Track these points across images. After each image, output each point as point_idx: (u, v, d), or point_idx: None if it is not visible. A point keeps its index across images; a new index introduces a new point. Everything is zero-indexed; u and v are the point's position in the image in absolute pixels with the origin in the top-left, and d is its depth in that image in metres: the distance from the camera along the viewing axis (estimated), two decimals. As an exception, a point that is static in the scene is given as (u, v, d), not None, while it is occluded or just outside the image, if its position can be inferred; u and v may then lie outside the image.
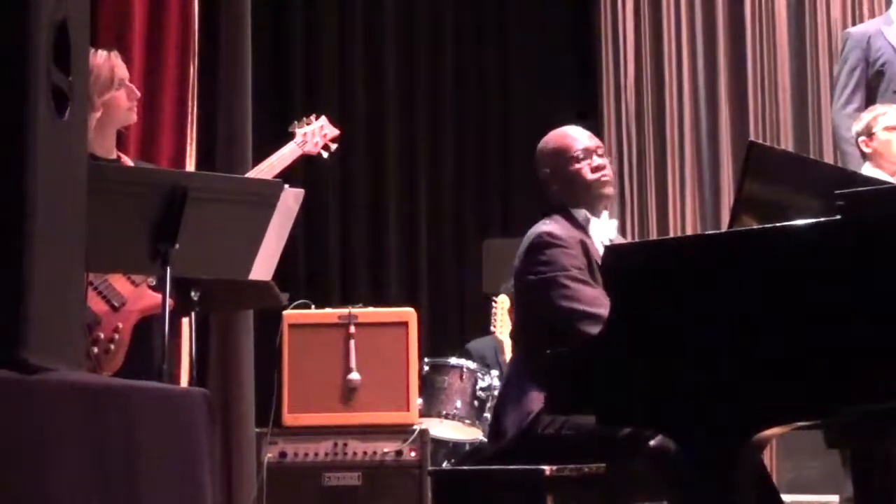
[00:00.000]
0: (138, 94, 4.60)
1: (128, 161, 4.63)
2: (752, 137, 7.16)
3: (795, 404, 2.79)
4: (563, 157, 4.14)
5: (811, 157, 6.77)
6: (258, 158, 5.00)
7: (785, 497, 3.81)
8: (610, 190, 4.19)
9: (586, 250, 3.99)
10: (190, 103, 6.07)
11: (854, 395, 2.69)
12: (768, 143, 6.78)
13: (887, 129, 5.74)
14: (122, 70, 4.52)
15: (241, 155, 6.21)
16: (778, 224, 2.96)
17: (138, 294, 4.36)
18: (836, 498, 5.54)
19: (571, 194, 4.14)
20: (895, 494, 2.88)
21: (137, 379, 3.53)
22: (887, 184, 4.86)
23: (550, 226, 4.06)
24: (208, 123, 6.31)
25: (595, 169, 4.13)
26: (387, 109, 8.14)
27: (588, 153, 4.14)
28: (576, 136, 4.19)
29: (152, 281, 4.32)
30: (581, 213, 4.12)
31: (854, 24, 7.02)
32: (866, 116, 5.84)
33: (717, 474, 2.85)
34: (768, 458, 6.11)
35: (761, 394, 2.80)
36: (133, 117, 4.61)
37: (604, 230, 4.12)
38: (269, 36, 7.70)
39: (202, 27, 6.21)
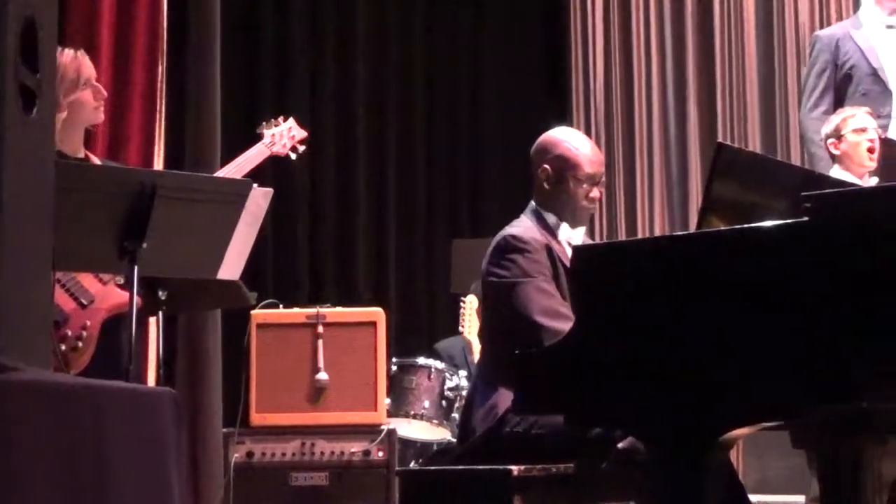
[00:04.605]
0: (105, 93, 4.57)
1: (95, 160, 4.61)
2: (720, 139, 7.18)
3: (763, 405, 2.80)
4: (568, 169, 4.10)
5: (779, 159, 6.80)
6: (227, 159, 4.99)
7: (752, 497, 3.83)
8: (587, 219, 4.22)
9: (552, 255, 3.99)
10: (158, 103, 6.05)
11: (821, 395, 2.71)
12: (736, 146, 6.80)
13: (856, 131, 5.77)
14: (88, 69, 4.49)
15: (210, 155, 6.19)
16: (746, 225, 2.97)
17: (106, 292, 4.34)
18: (801, 498, 5.56)
19: (554, 202, 4.12)
20: (861, 495, 2.89)
21: (104, 378, 3.51)
22: (854, 186, 4.89)
23: (517, 229, 4.06)
24: (177, 123, 6.29)
25: (590, 199, 4.12)
26: (356, 111, 8.12)
27: (593, 182, 4.11)
28: (590, 159, 4.12)
29: (120, 279, 4.30)
30: (552, 218, 4.12)
31: (822, 27, 7.06)
32: (835, 119, 5.88)
33: (685, 475, 2.86)
34: (735, 458, 6.14)
35: (729, 394, 2.81)
36: (100, 116, 4.58)
37: (572, 235, 4.12)
38: (238, 37, 7.67)
39: (171, 27, 6.19)
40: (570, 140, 4.19)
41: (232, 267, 4.30)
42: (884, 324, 2.65)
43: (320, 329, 5.44)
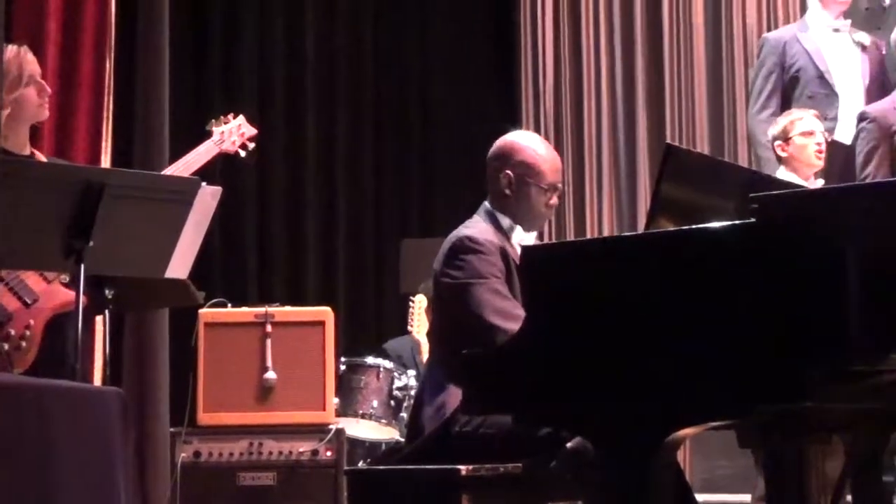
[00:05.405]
0: (49, 90, 4.54)
1: (41, 157, 4.58)
2: (668, 140, 7.21)
3: (710, 405, 2.82)
4: (529, 175, 4.09)
5: (727, 160, 6.83)
6: (175, 157, 4.96)
7: (699, 496, 3.85)
8: (543, 225, 4.21)
9: (506, 257, 3.99)
10: (106, 100, 6.01)
11: (767, 395, 2.72)
12: (685, 147, 6.83)
13: (803, 134, 5.81)
14: (31, 66, 4.46)
15: (158, 152, 6.15)
16: (693, 226, 2.99)
17: (51, 291, 4.31)
18: (748, 497, 5.60)
19: (513, 208, 4.12)
20: (806, 494, 2.92)
21: (49, 377, 3.49)
22: (801, 187, 4.92)
23: (472, 230, 4.05)
24: (125, 120, 6.25)
25: (549, 206, 4.13)
26: (306, 109, 8.10)
27: (553, 190, 4.11)
28: (552, 167, 4.12)
29: (65, 277, 4.27)
30: (506, 221, 4.11)
31: (769, 30, 7.10)
32: (783, 121, 5.91)
33: (632, 474, 2.87)
34: (683, 458, 6.17)
35: (676, 394, 2.83)
36: (45, 113, 4.55)
37: (524, 238, 4.13)
38: (187, 33, 7.64)
39: (119, 22, 6.15)
40: (532, 147, 4.17)
41: (180, 266, 4.28)
42: (828, 324, 2.67)
43: (268, 328, 5.43)
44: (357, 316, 7.90)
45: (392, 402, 5.99)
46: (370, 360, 6.09)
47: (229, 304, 5.59)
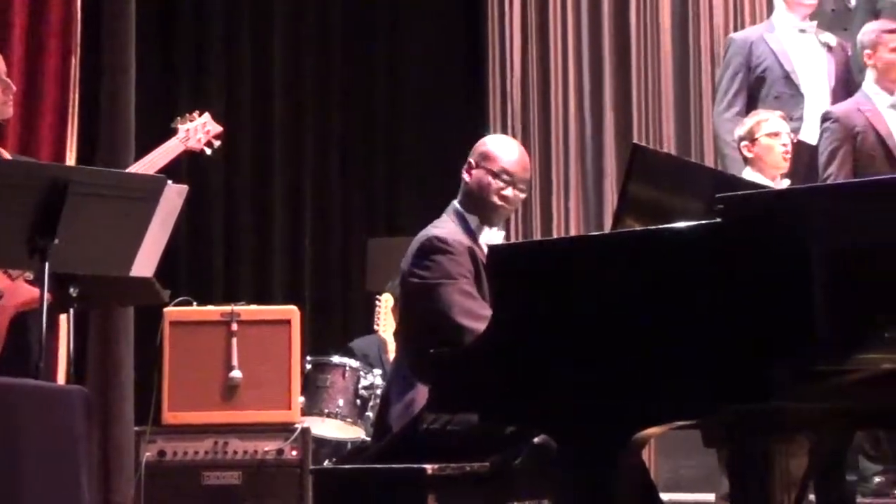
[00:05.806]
0: (14, 88, 4.52)
1: (6, 155, 4.56)
2: (635, 140, 7.23)
3: (675, 404, 2.82)
4: (487, 163, 4.13)
5: (693, 160, 6.85)
6: (140, 154, 4.94)
7: (664, 495, 3.86)
8: (499, 220, 4.21)
9: (474, 258, 4.00)
10: (72, 97, 5.98)
11: (732, 395, 2.73)
12: (652, 147, 6.84)
13: (769, 135, 5.82)
14: (-3, 64, 4.45)
15: (124, 150, 6.12)
16: (659, 226, 3.00)
17: (15, 288, 4.29)
18: (712, 496, 5.62)
19: (470, 197, 4.15)
20: (770, 492, 2.93)
21: (13, 375, 3.47)
22: (767, 188, 4.94)
23: (441, 230, 4.07)
24: (90, 118, 6.22)
25: (502, 197, 4.13)
26: (273, 106, 8.08)
27: (508, 179, 4.12)
28: (510, 158, 4.16)
29: (30, 275, 4.25)
30: (474, 220, 4.13)
31: (736, 30, 7.12)
32: (749, 122, 5.92)
33: (597, 473, 2.88)
34: (648, 457, 6.18)
35: (642, 393, 2.83)
36: (9, 112, 4.54)
37: (492, 239, 4.14)
38: (154, 29, 7.61)
39: (85, 19, 6.12)
40: (497, 140, 4.30)
41: (145, 264, 4.26)
42: (793, 324, 2.68)
43: (234, 327, 5.41)
44: (323, 315, 7.88)
45: (358, 401, 5.99)
46: (336, 358, 6.08)
47: (195, 303, 5.57)
